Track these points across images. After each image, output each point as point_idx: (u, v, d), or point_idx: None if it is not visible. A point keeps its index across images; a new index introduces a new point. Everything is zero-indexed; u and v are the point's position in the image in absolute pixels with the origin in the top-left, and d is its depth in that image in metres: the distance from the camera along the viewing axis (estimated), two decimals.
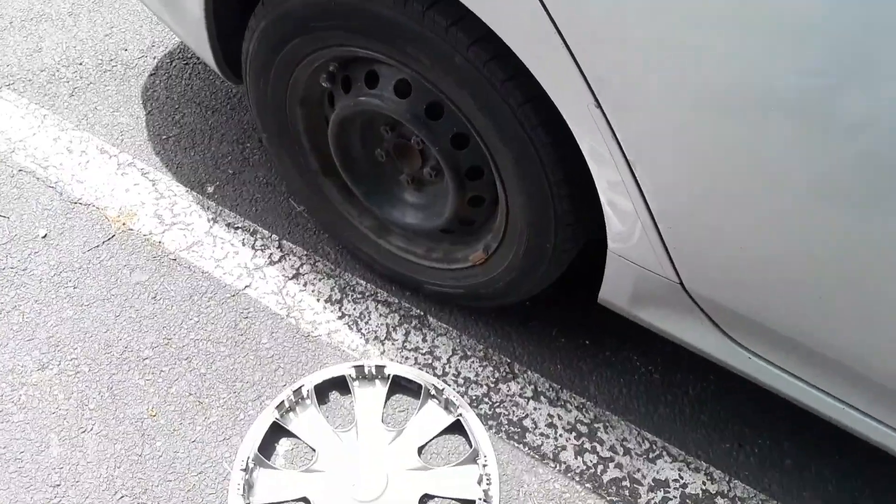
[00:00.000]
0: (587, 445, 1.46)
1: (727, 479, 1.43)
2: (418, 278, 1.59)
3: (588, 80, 0.95)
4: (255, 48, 1.36)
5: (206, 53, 1.50)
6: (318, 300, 1.66)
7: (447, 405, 1.48)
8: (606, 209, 1.11)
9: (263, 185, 1.87)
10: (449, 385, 1.52)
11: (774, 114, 0.83)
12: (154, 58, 2.12)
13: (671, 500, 1.40)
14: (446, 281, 1.54)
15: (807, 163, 0.85)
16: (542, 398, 1.52)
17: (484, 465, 1.40)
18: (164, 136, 1.95)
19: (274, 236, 1.77)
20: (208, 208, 1.81)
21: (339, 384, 1.53)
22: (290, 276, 1.70)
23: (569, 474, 1.43)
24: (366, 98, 1.32)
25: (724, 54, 0.82)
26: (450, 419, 1.47)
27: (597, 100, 0.96)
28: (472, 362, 1.57)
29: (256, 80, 1.43)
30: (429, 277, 1.57)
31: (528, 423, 1.49)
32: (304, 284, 1.69)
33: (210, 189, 1.85)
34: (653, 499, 1.40)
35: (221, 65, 1.52)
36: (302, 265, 1.72)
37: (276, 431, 1.46)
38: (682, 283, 1.13)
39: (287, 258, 1.73)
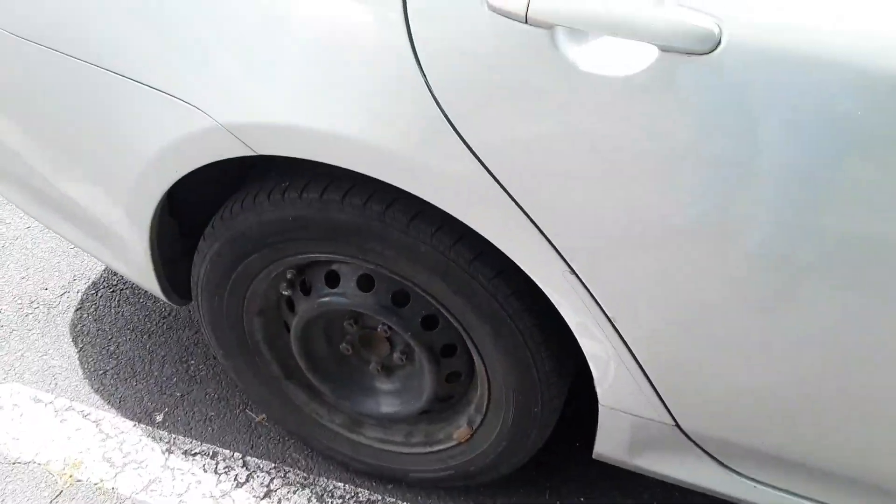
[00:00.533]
0: None
1: None
2: (401, 468, 1.54)
3: (559, 249, 1.01)
4: (207, 270, 1.36)
5: (151, 284, 1.48)
6: None
7: None
8: (593, 365, 1.14)
9: (216, 401, 1.79)
10: None
11: (746, 246, 0.90)
12: (77, 291, 2.06)
13: None
14: (431, 465, 1.50)
15: (786, 291, 0.92)
16: None
17: None
18: (100, 371, 1.86)
19: (236, 454, 1.67)
20: (160, 439, 1.71)
21: None
22: (262, 495, 1.60)
23: None
24: (328, 298, 1.33)
25: (688, 193, 0.90)
26: None
27: (570, 266, 1.02)
28: None
29: (210, 299, 1.41)
30: (412, 465, 1.52)
31: None
32: (278, 502, 1.58)
33: (159, 417, 1.75)
34: None
35: (168, 291, 1.50)
36: (272, 480, 1.63)
37: None
38: (677, 424, 1.15)
39: (255, 476, 1.64)
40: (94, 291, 2.07)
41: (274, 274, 1.35)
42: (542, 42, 0.90)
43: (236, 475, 1.63)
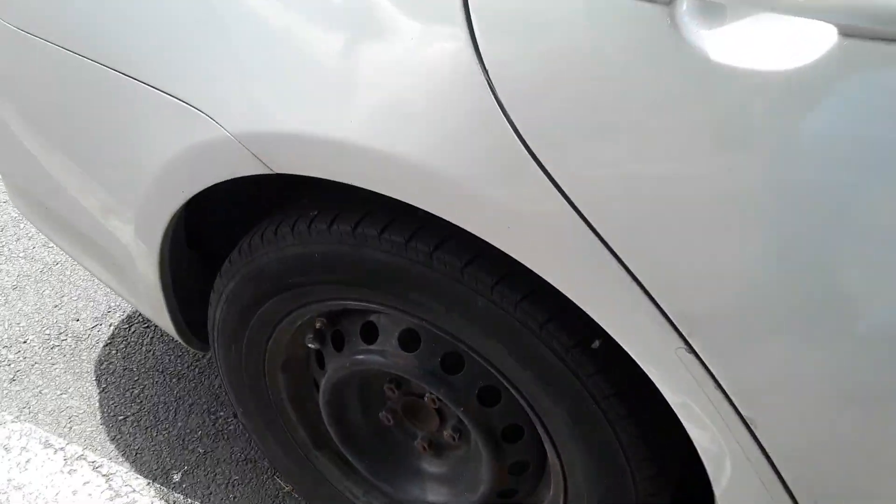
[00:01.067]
0: None
1: None
2: None
3: (672, 318, 0.70)
4: (223, 312, 1.12)
5: (164, 322, 1.25)
6: None
7: None
8: (708, 464, 0.82)
9: (242, 463, 1.54)
10: None
11: None
12: (110, 325, 1.88)
13: None
14: None
15: None
16: None
17: None
18: (120, 417, 1.65)
19: None
20: (174, 503, 1.47)
21: None
22: None
23: None
24: (364, 356, 1.06)
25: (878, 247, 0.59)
26: None
27: (687, 342, 0.71)
28: None
29: (227, 347, 1.17)
30: None
31: None
32: None
33: (176, 477, 1.52)
34: None
35: (185, 333, 1.27)
36: None
37: None
38: None
39: None
40: (126, 326, 1.88)
41: (299, 322, 1.09)
42: (659, 22, 0.62)
43: None
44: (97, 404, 1.68)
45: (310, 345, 1.09)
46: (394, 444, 1.21)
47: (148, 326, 1.88)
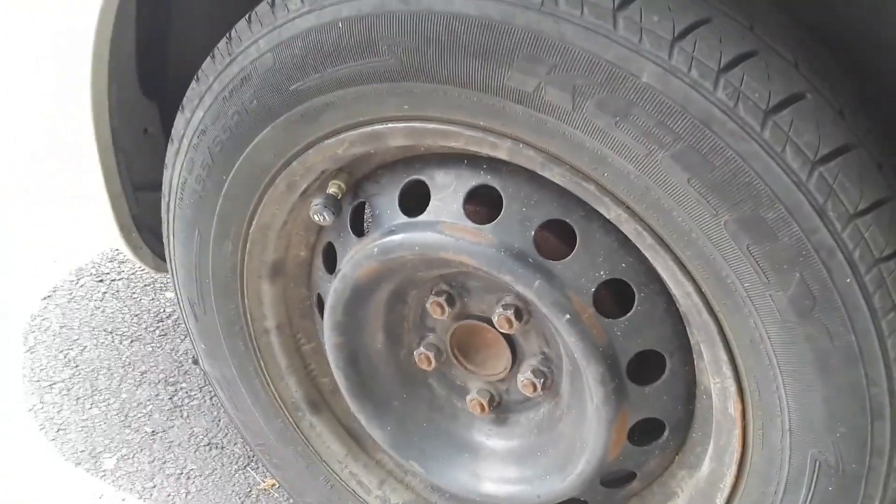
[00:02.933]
0: None
1: None
2: None
3: None
4: (185, 167, 0.72)
5: (106, 217, 0.85)
6: None
7: None
8: None
9: (203, 449, 1.11)
10: None
11: None
12: (53, 276, 1.46)
13: None
14: None
15: None
16: None
17: None
18: (46, 384, 1.22)
19: None
20: (102, 496, 1.03)
21: None
22: None
23: None
24: (403, 236, 0.65)
25: None
26: None
27: None
28: None
29: (188, 236, 0.76)
30: None
31: None
32: None
33: (109, 463, 1.09)
34: None
35: (130, 232, 0.87)
36: None
37: None
38: None
39: None
40: (73, 279, 1.46)
41: (304, 185, 0.69)
42: None
43: None
44: (19, 366, 1.25)
45: (315, 217, 0.68)
46: (432, 402, 0.79)
47: (101, 280, 1.47)
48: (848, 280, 0.46)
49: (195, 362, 1.22)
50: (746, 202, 0.47)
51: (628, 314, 0.61)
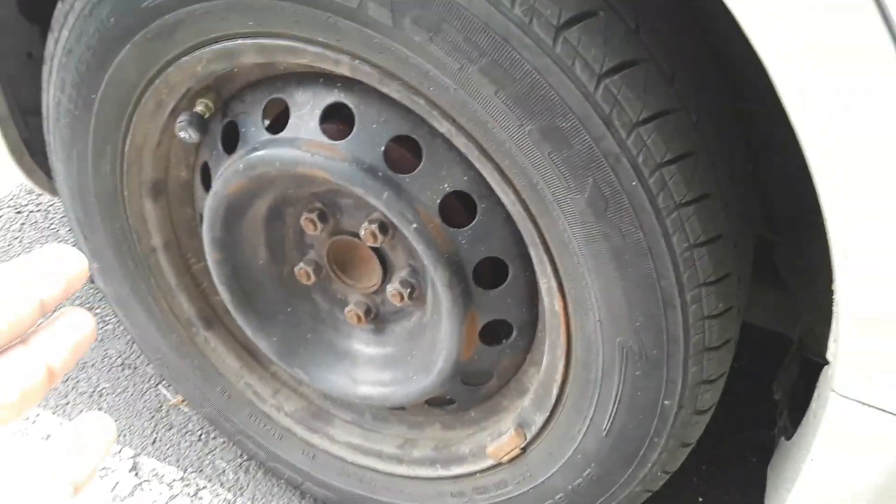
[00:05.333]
0: None
1: None
2: (390, 502, 0.87)
3: None
4: (57, 86, 0.74)
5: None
6: None
7: None
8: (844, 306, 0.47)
9: (116, 369, 1.15)
10: None
11: None
12: None
13: None
14: (445, 502, 0.83)
15: None
16: None
17: None
18: None
19: (126, 451, 1.03)
20: None
21: None
22: None
23: None
24: (266, 151, 0.68)
25: None
26: None
27: None
28: None
29: (67, 155, 0.79)
30: (411, 499, 0.85)
31: None
32: None
33: None
34: None
35: (21, 154, 0.88)
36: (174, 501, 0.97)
37: None
38: None
39: (148, 488, 0.98)
40: None
41: (171, 104, 0.71)
42: None
43: (123, 484, 0.98)
44: None
45: (181, 133, 0.71)
46: (315, 315, 0.84)
47: (20, 212, 1.48)
48: (634, 183, 0.51)
49: (91, 281, 1.25)
50: (544, 113, 0.51)
51: (471, 224, 0.65)
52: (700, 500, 0.95)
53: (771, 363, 0.81)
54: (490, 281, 0.68)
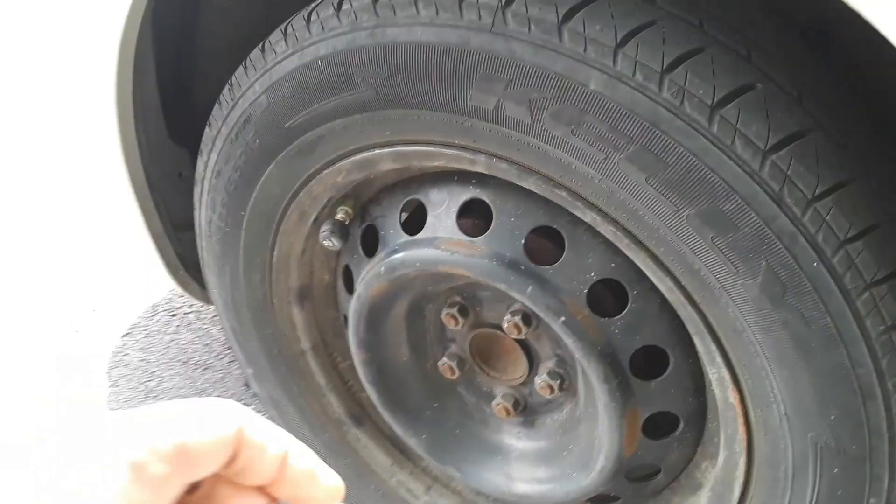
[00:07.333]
0: None
1: None
2: None
3: None
4: (208, 206, 0.78)
5: (148, 251, 0.92)
6: None
7: None
8: None
9: None
10: None
11: None
12: (131, 314, 1.58)
13: None
14: None
15: None
16: None
17: None
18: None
19: None
20: None
21: None
22: None
23: None
24: (404, 253, 0.68)
25: None
26: None
27: None
28: None
29: (220, 269, 0.82)
30: None
31: None
32: None
33: None
34: None
35: (176, 269, 0.94)
36: None
37: None
38: None
39: None
40: (149, 315, 1.57)
41: (314, 214, 0.73)
42: None
43: None
44: (105, 401, 1.36)
45: (325, 242, 0.72)
46: (462, 410, 0.82)
47: (174, 315, 1.57)
48: (815, 263, 0.46)
49: (246, 385, 1.29)
50: (704, 196, 0.48)
51: (623, 312, 0.62)
52: None
53: None
54: (648, 371, 0.64)
